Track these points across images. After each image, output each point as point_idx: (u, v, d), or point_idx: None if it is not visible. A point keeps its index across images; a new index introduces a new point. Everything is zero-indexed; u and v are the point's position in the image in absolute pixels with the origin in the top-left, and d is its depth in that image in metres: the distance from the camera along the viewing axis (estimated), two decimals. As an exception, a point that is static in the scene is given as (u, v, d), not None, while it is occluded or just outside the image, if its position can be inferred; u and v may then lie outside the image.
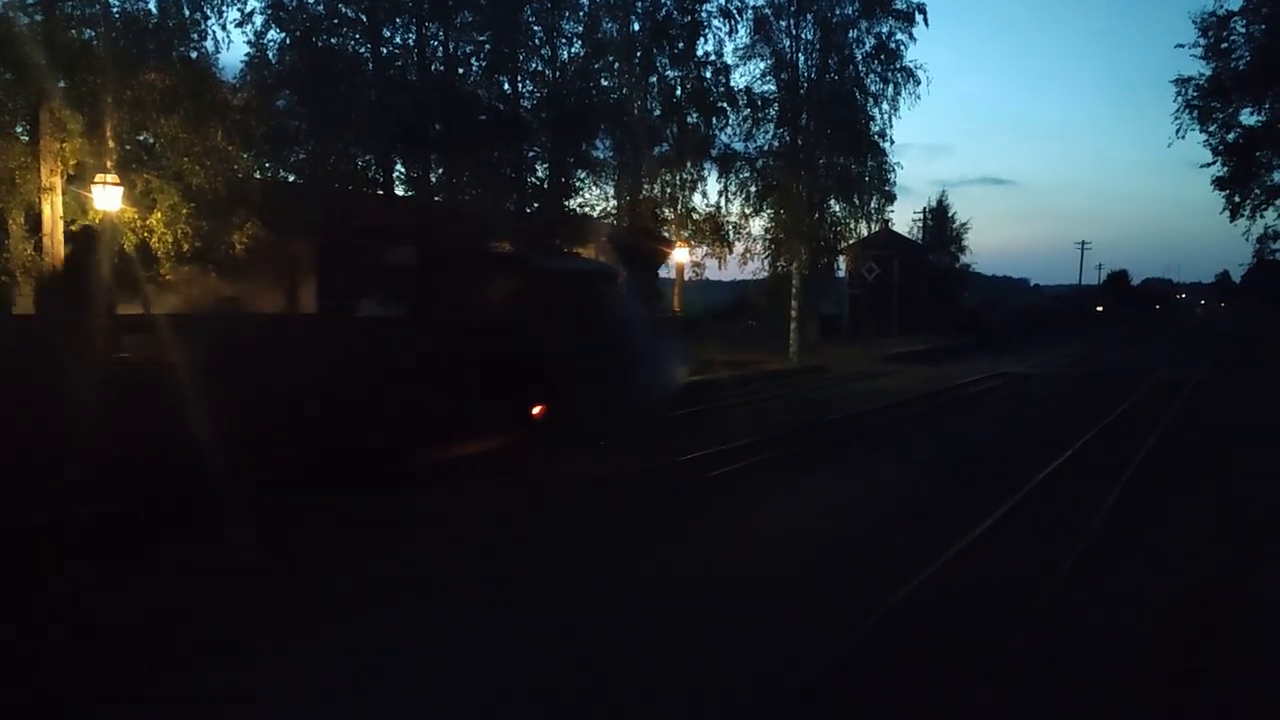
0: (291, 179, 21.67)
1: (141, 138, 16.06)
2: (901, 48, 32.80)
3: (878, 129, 33.34)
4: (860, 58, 32.89)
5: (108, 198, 14.28)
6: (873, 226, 36.28)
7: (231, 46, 64.96)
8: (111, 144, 15.00)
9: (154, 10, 15.83)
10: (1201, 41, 27.94)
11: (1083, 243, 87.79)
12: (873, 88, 33.11)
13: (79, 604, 6.73)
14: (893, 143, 37.05)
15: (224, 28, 16.77)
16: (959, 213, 67.09)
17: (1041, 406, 20.15)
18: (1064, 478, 11.84)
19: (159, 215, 15.38)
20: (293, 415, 9.33)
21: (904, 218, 61.82)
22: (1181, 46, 28.25)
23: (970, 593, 7.27)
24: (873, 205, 34.25)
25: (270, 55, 21.36)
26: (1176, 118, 28.91)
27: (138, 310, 14.77)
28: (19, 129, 15.02)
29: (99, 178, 14.22)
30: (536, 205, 24.82)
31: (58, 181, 14.73)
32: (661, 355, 15.66)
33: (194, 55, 16.21)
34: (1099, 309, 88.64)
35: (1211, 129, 28.70)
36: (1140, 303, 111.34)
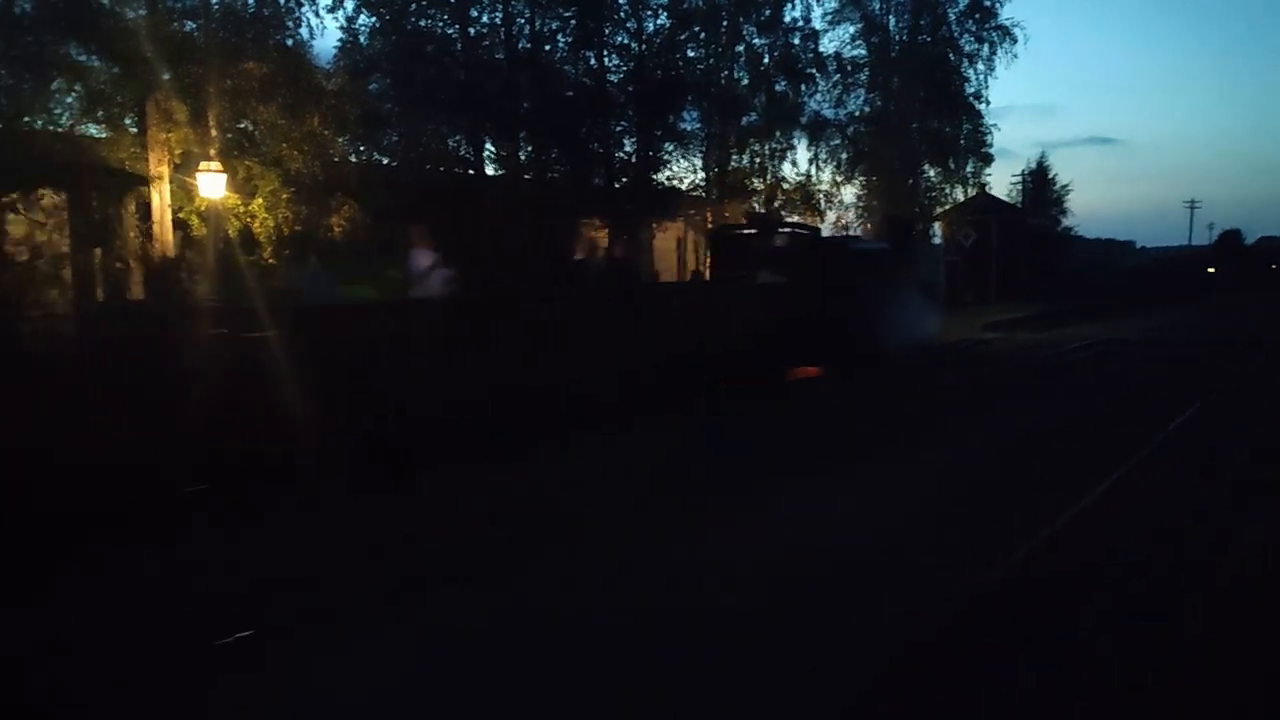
0: (385, 161, 22.09)
1: (242, 125, 16.51)
2: (997, 5, 31.92)
3: (973, 90, 32.57)
4: (953, 17, 32.13)
5: (212, 185, 14.73)
6: (969, 191, 35.49)
7: (325, 33, 66.53)
8: (214, 132, 15.48)
9: (251, 1, 16.27)
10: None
11: (1192, 202, 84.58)
12: (967, 48, 32.33)
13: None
14: (989, 104, 36.04)
15: (317, 14, 17.14)
16: (1061, 174, 64.75)
17: (1150, 374, 19.43)
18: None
19: (260, 201, 15.83)
20: (727, 345, 14.48)
21: (1003, 181, 60.00)
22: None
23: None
24: (969, 169, 33.54)
25: (362, 40, 21.76)
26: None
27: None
28: (128, 120, 15.59)
29: (203, 166, 14.69)
30: (624, 180, 24.82)
31: (165, 170, 15.25)
32: (924, 308, 21.09)
33: (290, 43, 16.61)
34: (1210, 270, 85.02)
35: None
36: (1255, 263, 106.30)
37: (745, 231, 20.04)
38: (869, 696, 4.45)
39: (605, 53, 24.50)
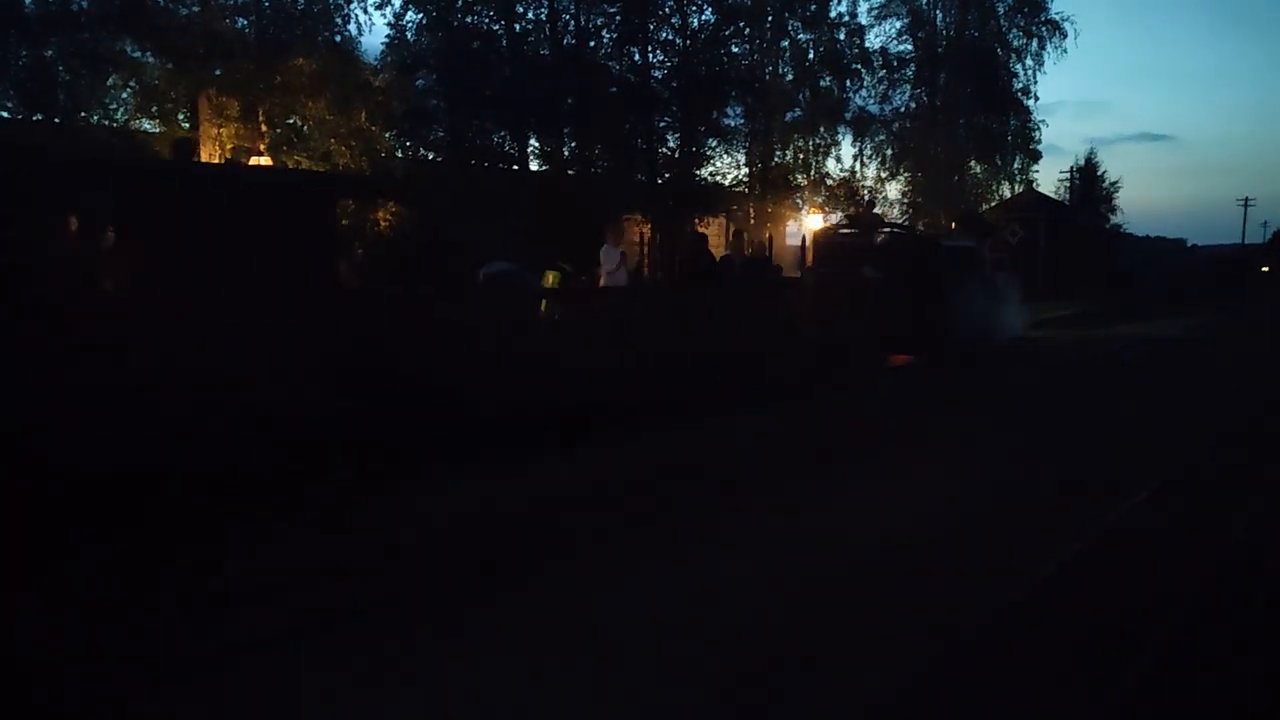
0: (431, 157, 22.26)
1: (291, 121, 16.74)
2: (1047, -1, 31.45)
3: (1021, 86, 32.22)
4: (1002, 11, 31.78)
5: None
6: (1016, 188, 35.07)
7: (373, 29, 67.02)
8: (264, 127, 15.70)
9: (300, -3, 16.49)
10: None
11: (1246, 199, 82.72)
12: (1015, 43, 31.98)
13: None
14: (1037, 100, 35.71)
15: (365, 11, 17.36)
16: (1110, 171, 63.66)
17: (1197, 372, 19.07)
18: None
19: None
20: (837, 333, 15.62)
21: (1050, 178, 59.23)
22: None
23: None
24: (1016, 166, 33.20)
25: (408, 36, 21.92)
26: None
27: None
28: (180, 116, 15.86)
29: (254, 160, 14.91)
30: (667, 175, 24.82)
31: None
32: (1007, 303, 22.28)
33: (338, 39, 16.80)
34: (1264, 269, 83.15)
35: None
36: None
37: (846, 231, 21.14)
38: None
39: (650, 48, 24.51)
